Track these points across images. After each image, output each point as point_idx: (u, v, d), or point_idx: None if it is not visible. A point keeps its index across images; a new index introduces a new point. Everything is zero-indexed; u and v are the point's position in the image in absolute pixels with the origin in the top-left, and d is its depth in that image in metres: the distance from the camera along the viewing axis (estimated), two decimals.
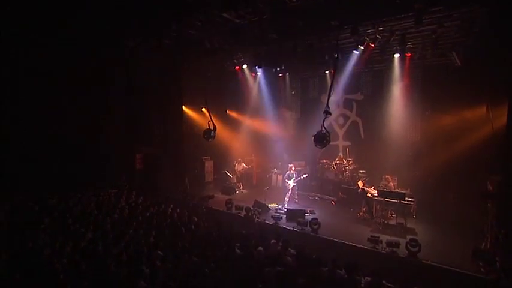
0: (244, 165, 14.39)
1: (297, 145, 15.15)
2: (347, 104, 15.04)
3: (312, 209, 10.64)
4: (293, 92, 15.66)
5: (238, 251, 6.36)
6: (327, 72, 14.16)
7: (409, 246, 7.44)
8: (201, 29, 9.71)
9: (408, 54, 10.51)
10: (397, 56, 10.73)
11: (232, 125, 16.43)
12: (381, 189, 10.06)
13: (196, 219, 8.49)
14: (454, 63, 10.34)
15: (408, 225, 9.11)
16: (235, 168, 14.61)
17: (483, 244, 7.40)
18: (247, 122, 16.26)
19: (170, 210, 9.41)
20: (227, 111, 16.82)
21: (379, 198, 9.57)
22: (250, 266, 5.59)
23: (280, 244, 7.05)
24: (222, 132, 16.67)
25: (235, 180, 14.61)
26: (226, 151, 15.97)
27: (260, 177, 15.12)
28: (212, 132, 10.30)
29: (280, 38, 9.99)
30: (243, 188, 14.26)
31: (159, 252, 6.13)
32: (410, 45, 10.01)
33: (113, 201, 9.94)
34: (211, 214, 10.23)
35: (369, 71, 13.12)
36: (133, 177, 13.45)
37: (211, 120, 10.36)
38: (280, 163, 14.64)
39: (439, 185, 11.23)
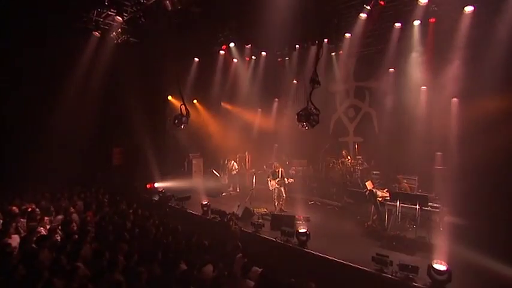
0: (236, 164, 12.42)
1: (298, 141, 13.00)
2: (358, 93, 12.77)
3: (306, 216, 8.47)
4: (295, 81, 13.51)
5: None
6: (333, 54, 12.04)
7: (432, 272, 5.14)
8: None
9: (432, 20, 8.17)
10: (417, 23, 8.41)
11: (225, 118, 14.61)
12: (395, 191, 7.70)
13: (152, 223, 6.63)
14: None
15: (433, 241, 6.70)
16: (227, 167, 12.70)
17: None
18: (241, 114, 14.34)
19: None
20: (222, 104, 15.11)
21: (392, 203, 7.25)
22: None
23: (245, 260, 5.03)
24: (213, 127, 15.01)
25: (226, 181, 12.70)
26: (218, 148, 14.08)
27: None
28: (184, 118, 8.54)
29: None
30: (233, 190, 12.28)
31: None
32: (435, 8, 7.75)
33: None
34: (177, 218, 8.37)
35: (383, 51, 10.68)
36: (108, 174, 11.91)
37: (184, 104, 8.61)
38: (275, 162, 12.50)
39: (475, 188, 8.63)
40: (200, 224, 8.38)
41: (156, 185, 11.60)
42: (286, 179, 9.11)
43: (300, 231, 6.56)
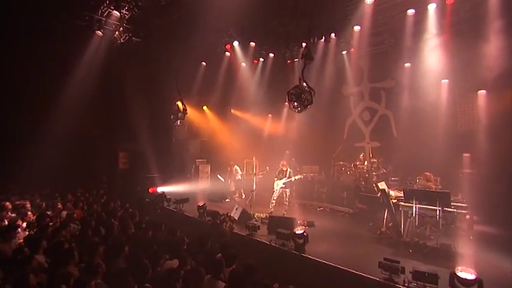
0: (239, 169, 11.81)
1: (310, 147, 12.24)
2: (374, 94, 11.91)
3: (311, 221, 7.55)
4: (305, 84, 12.83)
5: None
6: (344, 52, 11.39)
7: (457, 282, 4.11)
8: None
9: (450, 1, 7.34)
10: (432, 7, 7.61)
11: (234, 124, 14.17)
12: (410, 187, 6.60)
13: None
14: None
15: (459, 250, 5.54)
16: (233, 173, 12.11)
17: None
18: (249, 119, 13.86)
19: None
20: (231, 111, 14.76)
21: (408, 204, 6.21)
22: None
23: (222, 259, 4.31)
24: (222, 133, 14.60)
25: (233, 188, 12.05)
26: (226, 154, 13.56)
27: (261, 183, 12.26)
28: (180, 114, 8.18)
29: None
30: (238, 196, 11.57)
31: None
32: None
33: None
34: (172, 219, 7.80)
35: (396, 45, 9.82)
36: (113, 178, 11.72)
37: (181, 100, 8.29)
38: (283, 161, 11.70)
39: (509, 194, 7.34)
40: (193, 225, 7.74)
41: (159, 189, 11.21)
42: (294, 177, 8.28)
43: (297, 232, 5.70)
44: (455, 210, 5.91)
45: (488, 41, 7.27)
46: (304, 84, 5.46)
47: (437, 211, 5.81)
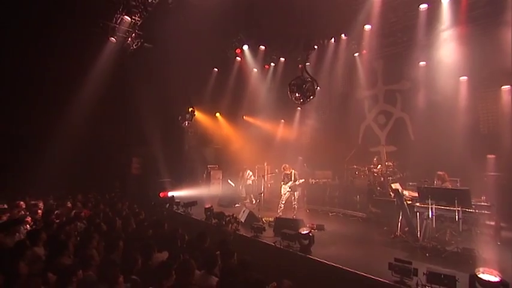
0: (251, 173, 11.63)
1: (321, 151, 11.90)
2: (389, 97, 11.48)
3: (320, 224, 7.19)
4: (317, 87, 12.62)
5: None
6: (356, 54, 11.15)
7: (478, 284, 3.67)
8: None
9: None
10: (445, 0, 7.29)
11: (247, 130, 14.11)
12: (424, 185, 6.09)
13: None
14: None
15: (484, 256, 5.00)
16: (244, 178, 11.95)
17: None
18: (261, 125, 13.75)
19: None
20: (244, 117, 14.75)
21: (423, 205, 5.76)
22: None
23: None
24: (234, 139, 14.56)
25: (243, 194, 11.87)
26: (238, 159, 13.46)
27: (272, 190, 11.99)
28: (188, 115, 8.23)
29: None
30: (249, 202, 11.34)
31: None
32: None
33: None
34: (178, 221, 7.71)
35: (410, 43, 9.43)
36: (125, 183, 11.91)
37: (191, 104, 8.36)
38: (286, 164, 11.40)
39: None
40: (198, 227, 7.56)
41: (170, 193, 11.22)
42: (298, 181, 8.01)
43: (302, 233, 5.40)
44: (477, 211, 5.40)
45: (510, 29, 6.79)
46: (306, 75, 5.23)
47: (457, 212, 5.33)
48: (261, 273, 3.90)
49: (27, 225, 5.89)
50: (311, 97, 5.17)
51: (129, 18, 8.57)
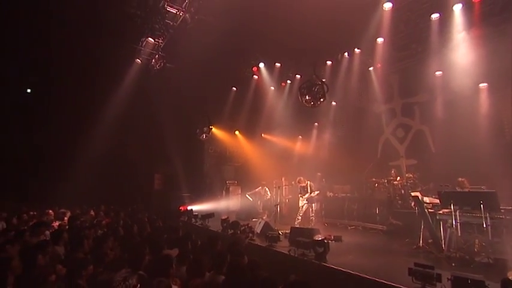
0: (268, 190, 11.63)
1: (339, 166, 11.71)
2: (406, 110, 11.32)
3: (338, 235, 6.97)
4: (333, 103, 12.73)
5: None
6: (371, 68, 11.21)
7: None
8: None
9: None
10: (457, 7, 7.30)
11: (265, 147, 14.26)
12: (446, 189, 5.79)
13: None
14: None
15: None
16: (262, 194, 11.95)
17: None
18: (279, 142, 13.86)
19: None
20: (262, 135, 14.97)
21: (446, 211, 5.48)
22: None
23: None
24: (251, 155, 14.70)
25: (261, 209, 11.79)
26: (256, 176, 13.50)
27: (290, 204, 11.81)
28: (206, 128, 8.53)
29: None
30: (267, 217, 11.21)
31: None
32: None
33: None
34: (193, 231, 7.73)
35: (424, 54, 9.38)
36: (148, 197, 12.29)
37: (209, 120, 8.71)
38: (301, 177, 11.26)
39: None
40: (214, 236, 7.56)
41: (189, 207, 11.41)
42: (314, 192, 7.91)
43: (317, 240, 5.27)
44: (507, 217, 5.04)
45: None
46: (317, 80, 5.35)
47: (484, 218, 4.99)
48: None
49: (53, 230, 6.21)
50: (321, 99, 5.24)
51: (153, 40, 9.27)
